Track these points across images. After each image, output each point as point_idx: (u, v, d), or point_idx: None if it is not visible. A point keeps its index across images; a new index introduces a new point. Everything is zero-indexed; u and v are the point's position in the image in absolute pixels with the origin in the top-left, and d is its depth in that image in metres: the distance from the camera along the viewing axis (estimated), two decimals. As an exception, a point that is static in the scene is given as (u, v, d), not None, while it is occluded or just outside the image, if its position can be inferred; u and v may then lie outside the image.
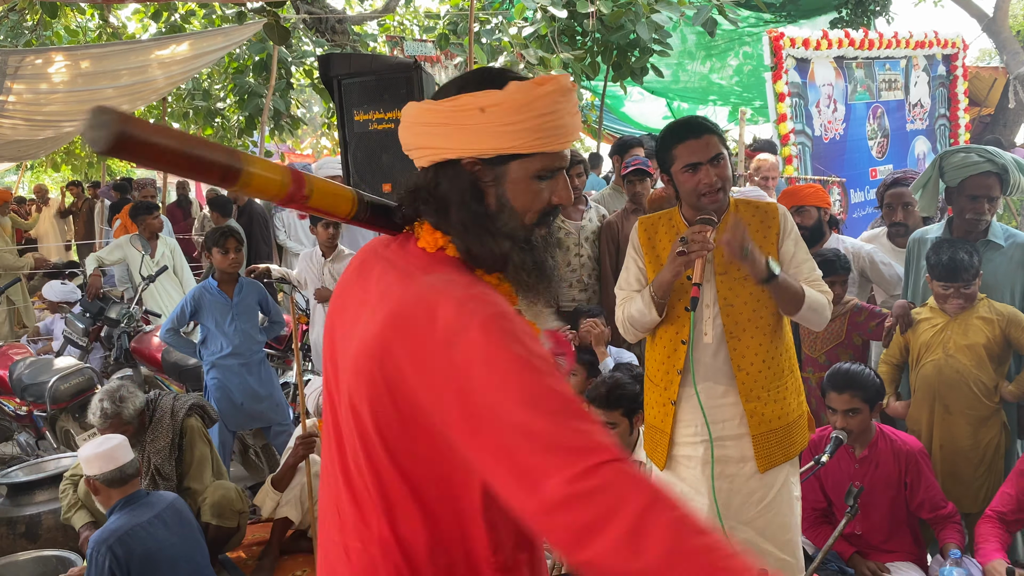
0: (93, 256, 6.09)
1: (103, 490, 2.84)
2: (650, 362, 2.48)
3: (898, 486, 2.84)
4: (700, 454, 2.34)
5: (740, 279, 2.30)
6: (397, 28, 11.49)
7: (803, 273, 2.35)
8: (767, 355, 2.32)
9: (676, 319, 2.37)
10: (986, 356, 3.00)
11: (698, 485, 2.35)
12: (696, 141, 2.25)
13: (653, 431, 2.47)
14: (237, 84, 8.47)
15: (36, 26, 8.13)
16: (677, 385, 2.36)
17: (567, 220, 4.48)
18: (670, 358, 2.38)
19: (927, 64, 7.36)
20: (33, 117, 6.51)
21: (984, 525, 2.67)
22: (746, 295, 2.31)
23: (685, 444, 2.38)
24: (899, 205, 3.65)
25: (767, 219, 2.36)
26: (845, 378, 2.82)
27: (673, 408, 2.37)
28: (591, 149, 10.15)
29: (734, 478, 2.34)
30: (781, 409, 2.35)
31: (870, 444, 2.86)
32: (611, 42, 6.40)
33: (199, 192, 15.50)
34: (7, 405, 5.03)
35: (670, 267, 2.25)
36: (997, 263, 3.12)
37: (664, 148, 2.32)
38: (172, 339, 4.41)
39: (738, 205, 2.39)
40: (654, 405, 2.46)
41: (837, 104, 6.54)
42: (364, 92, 3.72)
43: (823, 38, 6.34)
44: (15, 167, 13.27)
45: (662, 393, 2.41)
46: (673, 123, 2.41)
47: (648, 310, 2.34)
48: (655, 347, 2.45)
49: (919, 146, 7.40)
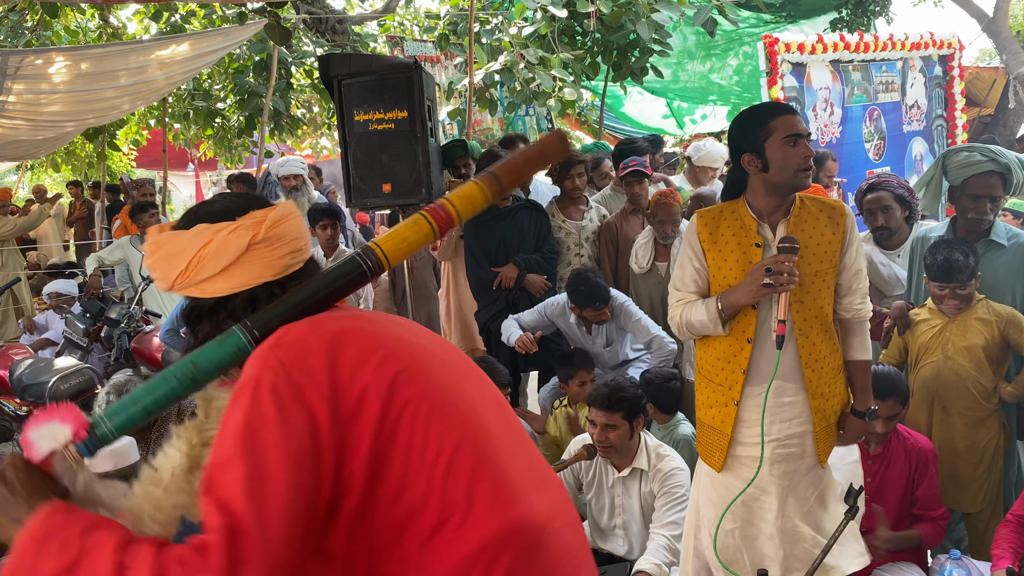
0: (93, 256, 6.10)
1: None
2: (707, 360, 2.41)
3: (907, 484, 2.85)
4: (767, 454, 2.29)
5: (810, 275, 2.27)
6: (397, 28, 11.49)
7: (853, 284, 2.34)
8: (829, 351, 2.32)
9: (742, 317, 2.30)
10: (984, 358, 3.00)
11: (763, 484, 2.33)
12: (794, 117, 2.26)
13: (710, 432, 2.41)
14: (237, 84, 8.46)
15: (36, 26, 8.13)
16: (741, 385, 2.30)
17: (568, 220, 4.49)
18: (736, 357, 2.31)
19: (923, 65, 7.35)
20: (33, 117, 6.50)
21: (1002, 529, 2.66)
22: (815, 292, 2.29)
23: (748, 444, 2.33)
24: (878, 209, 3.63)
25: (835, 216, 2.33)
26: (887, 384, 2.79)
27: (736, 408, 2.32)
28: (591, 149, 10.12)
29: (794, 475, 2.35)
30: (839, 403, 2.38)
31: (884, 443, 2.86)
32: (611, 42, 6.40)
33: (199, 194, 15.51)
34: (7, 405, 5.03)
35: (749, 293, 2.21)
36: (999, 263, 3.11)
37: (756, 123, 2.27)
38: (172, 340, 4.41)
39: (804, 201, 2.34)
40: (713, 405, 2.38)
41: (834, 107, 6.53)
42: (364, 92, 3.72)
43: (818, 42, 6.32)
44: (15, 167, 13.27)
45: (725, 393, 2.34)
46: (757, 105, 2.41)
47: (714, 326, 2.29)
48: (714, 346, 2.37)
49: (916, 147, 7.39)
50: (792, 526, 2.36)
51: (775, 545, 2.33)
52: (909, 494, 2.85)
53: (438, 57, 8.74)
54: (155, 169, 13.06)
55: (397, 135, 3.70)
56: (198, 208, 1.30)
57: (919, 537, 2.82)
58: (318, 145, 13.73)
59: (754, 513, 2.37)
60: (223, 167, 12.81)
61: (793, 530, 2.36)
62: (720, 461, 2.37)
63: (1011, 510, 2.72)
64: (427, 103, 3.78)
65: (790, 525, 2.36)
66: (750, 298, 2.22)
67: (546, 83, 6.09)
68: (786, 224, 2.30)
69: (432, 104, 3.93)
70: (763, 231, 2.31)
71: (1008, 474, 3.15)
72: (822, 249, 2.30)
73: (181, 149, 11.82)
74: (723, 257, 2.33)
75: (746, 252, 2.29)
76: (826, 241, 2.30)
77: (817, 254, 2.29)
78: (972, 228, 3.13)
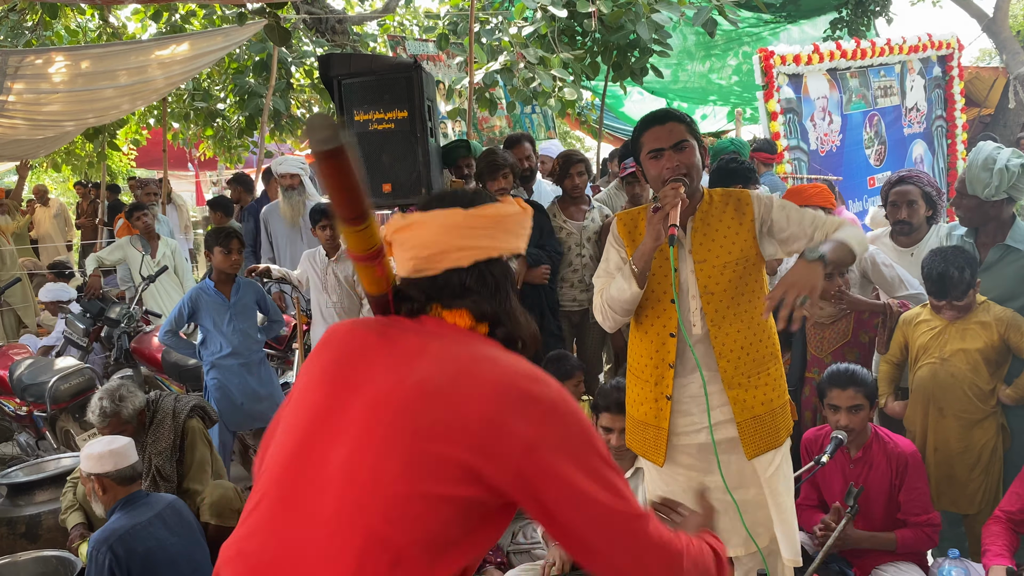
0: (93, 256, 6.11)
1: (111, 488, 2.85)
2: (635, 357, 2.46)
3: (890, 489, 2.84)
4: (702, 440, 2.33)
5: (719, 266, 2.30)
6: (397, 28, 11.48)
7: (807, 225, 2.29)
8: (746, 342, 2.31)
9: (662, 312, 2.35)
10: (982, 361, 3.00)
11: (706, 466, 2.35)
12: (660, 128, 2.29)
13: (645, 428, 2.43)
14: (237, 84, 8.46)
15: (36, 26, 8.12)
16: (671, 378, 2.34)
17: (569, 220, 4.48)
18: (659, 352, 2.36)
19: (922, 67, 7.34)
20: (33, 117, 6.50)
21: (991, 527, 2.65)
22: (725, 282, 2.30)
23: (685, 434, 2.36)
24: (903, 203, 3.59)
25: (740, 206, 2.34)
26: (847, 375, 2.83)
27: (668, 402, 2.35)
28: (591, 149, 10.14)
29: (733, 462, 2.35)
30: (764, 395, 2.33)
31: (865, 446, 2.86)
32: (611, 42, 6.40)
33: (199, 194, 15.51)
34: (7, 405, 5.04)
35: (649, 231, 2.22)
36: (1015, 268, 3.10)
37: (634, 139, 2.36)
38: (171, 341, 4.41)
39: (712, 195, 2.38)
40: (644, 401, 2.42)
41: (832, 116, 6.52)
42: (364, 92, 3.72)
43: (814, 52, 6.30)
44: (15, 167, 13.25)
45: (653, 388, 2.38)
46: (645, 116, 2.42)
47: (628, 284, 2.30)
48: (640, 342, 2.42)
49: (916, 149, 7.39)
50: (744, 496, 2.35)
51: (729, 518, 2.32)
52: (894, 498, 2.85)
53: (439, 57, 8.73)
54: (155, 169, 13.07)
55: (397, 135, 3.71)
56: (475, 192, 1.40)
57: (894, 541, 2.80)
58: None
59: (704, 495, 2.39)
60: (223, 167, 12.82)
61: (746, 500, 2.35)
62: (661, 456, 2.40)
63: (999, 506, 2.72)
64: (427, 103, 3.78)
65: (750, 497, 2.36)
66: (650, 234, 2.22)
67: (546, 83, 6.08)
68: (692, 221, 2.34)
69: (432, 104, 3.93)
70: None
71: (1009, 477, 3.14)
72: (730, 241, 2.31)
73: (181, 149, 11.82)
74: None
75: (662, 249, 2.30)
76: (733, 232, 2.32)
77: (725, 246, 2.31)
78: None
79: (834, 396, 2.82)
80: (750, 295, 2.33)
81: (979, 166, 3.06)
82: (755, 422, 2.33)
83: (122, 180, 12.46)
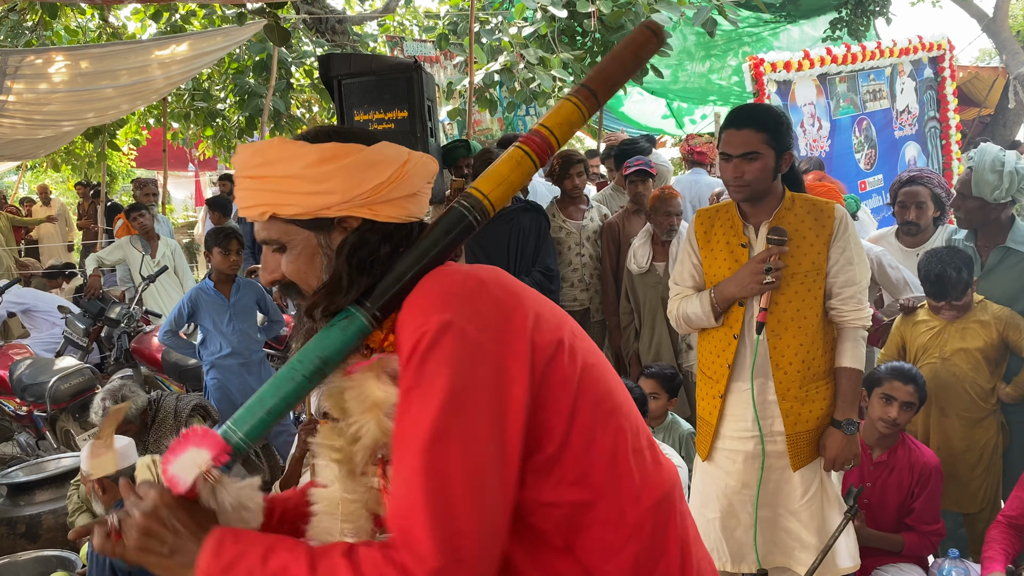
0: (93, 256, 6.11)
1: (112, 488, 2.85)
2: (702, 355, 2.50)
3: (906, 495, 2.84)
4: (749, 448, 2.36)
5: (787, 277, 2.29)
6: (397, 28, 11.49)
7: (843, 292, 2.32)
8: (806, 355, 2.32)
9: (729, 314, 2.38)
10: (982, 360, 3.01)
11: (744, 478, 2.38)
12: (735, 133, 2.29)
13: (701, 423, 2.51)
14: (237, 84, 8.46)
15: (36, 26, 8.12)
16: (726, 379, 2.38)
17: (568, 220, 4.48)
18: (723, 353, 2.39)
19: (913, 69, 7.31)
20: (33, 117, 6.50)
21: (993, 531, 2.66)
22: (791, 293, 2.31)
23: (731, 438, 2.40)
24: (912, 204, 3.58)
25: (822, 217, 2.33)
26: (911, 372, 2.83)
27: (720, 402, 2.39)
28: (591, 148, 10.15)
29: (783, 470, 2.38)
30: (820, 410, 2.36)
31: (890, 450, 2.86)
32: (611, 42, 6.39)
33: (199, 194, 15.51)
34: (7, 405, 5.03)
35: (743, 288, 2.27)
36: (1017, 271, 3.09)
37: (720, 128, 2.39)
38: (171, 341, 4.41)
39: (794, 200, 2.36)
40: (704, 397, 2.48)
41: (821, 121, 6.51)
42: (364, 92, 3.72)
43: (804, 58, 6.30)
44: (15, 167, 13.26)
45: (713, 386, 2.43)
46: (731, 110, 2.44)
47: (707, 317, 2.37)
48: (707, 340, 2.46)
49: (909, 151, 7.37)
50: (773, 517, 2.40)
51: (753, 536, 2.38)
52: (907, 504, 2.85)
53: (438, 57, 8.73)
54: (155, 169, 13.07)
55: (397, 135, 3.70)
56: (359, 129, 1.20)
57: (902, 543, 2.82)
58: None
59: (734, 505, 2.43)
60: (223, 167, 12.82)
61: (774, 521, 2.40)
62: (705, 450, 2.47)
63: (1002, 511, 2.73)
64: (427, 103, 3.78)
65: (770, 516, 2.40)
66: (744, 292, 2.28)
67: (546, 83, 6.08)
68: (767, 226, 2.34)
69: (432, 104, 3.93)
70: (748, 231, 2.38)
71: (1009, 475, 3.14)
72: (802, 251, 2.31)
73: (181, 149, 11.82)
74: (715, 255, 2.42)
75: (733, 251, 2.37)
76: (808, 243, 2.31)
77: (796, 256, 2.30)
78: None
79: (894, 388, 2.78)
80: (815, 307, 2.33)
81: (987, 168, 3.04)
82: (803, 436, 2.36)
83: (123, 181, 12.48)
